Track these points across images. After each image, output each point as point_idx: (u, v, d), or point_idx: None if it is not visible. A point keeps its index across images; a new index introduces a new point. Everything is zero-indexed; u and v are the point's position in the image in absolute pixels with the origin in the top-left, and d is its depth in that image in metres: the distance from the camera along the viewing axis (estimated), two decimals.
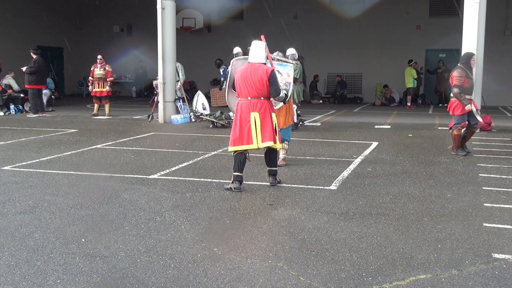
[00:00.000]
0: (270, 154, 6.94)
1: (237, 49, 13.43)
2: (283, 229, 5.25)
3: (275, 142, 6.72)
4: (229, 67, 7.14)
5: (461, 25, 12.86)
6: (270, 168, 6.98)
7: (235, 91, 6.88)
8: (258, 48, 6.76)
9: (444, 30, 20.93)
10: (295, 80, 11.54)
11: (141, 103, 20.90)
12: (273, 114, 6.78)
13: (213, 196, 6.47)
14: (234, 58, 7.27)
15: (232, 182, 6.69)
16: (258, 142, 6.66)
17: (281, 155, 8.24)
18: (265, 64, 6.73)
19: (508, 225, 5.35)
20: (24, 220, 5.43)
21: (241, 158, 6.72)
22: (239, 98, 6.75)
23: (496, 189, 6.86)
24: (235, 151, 6.75)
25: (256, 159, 8.05)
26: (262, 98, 6.66)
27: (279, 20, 22.91)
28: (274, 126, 6.74)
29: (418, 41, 22.13)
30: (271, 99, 6.82)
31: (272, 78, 6.64)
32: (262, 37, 7.07)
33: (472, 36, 12.40)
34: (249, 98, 6.65)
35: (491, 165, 8.43)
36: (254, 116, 6.63)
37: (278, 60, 7.62)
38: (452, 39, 18.86)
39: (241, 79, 6.67)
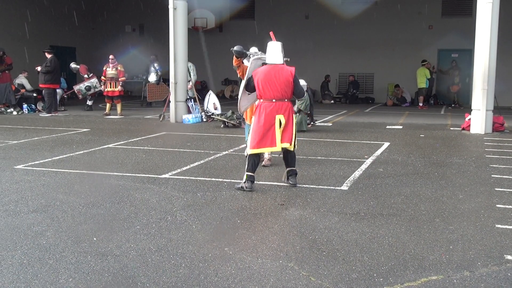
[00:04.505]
0: (290, 154, 6.93)
1: (254, 49, 13.42)
2: (294, 229, 5.24)
3: (290, 144, 6.74)
4: (249, 67, 7.00)
5: (474, 25, 12.79)
6: (290, 168, 6.93)
7: (249, 92, 6.88)
8: (276, 49, 6.77)
9: (456, 30, 20.80)
10: (299, 111, 11.84)
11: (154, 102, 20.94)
12: (294, 116, 6.88)
13: (224, 195, 6.48)
14: (253, 57, 7.13)
15: (245, 182, 6.69)
16: (278, 143, 6.70)
17: (266, 154, 8.20)
18: (283, 64, 6.75)
19: None
20: (36, 218, 5.47)
21: (256, 159, 6.75)
22: (260, 100, 6.72)
23: (509, 190, 6.80)
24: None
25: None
26: (285, 100, 6.70)
27: (290, 20, 22.91)
28: (294, 128, 6.79)
29: (431, 41, 22.00)
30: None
31: (296, 79, 6.72)
32: (271, 34, 7.07)
33: (485, 36, 12.32)
34: (273, 100, 6.65)
35: (504, 166, 8.36)
36: (280, 118, 6.64)
37: (254, 55, 7.44)
38: (465, 39, 18.79)
39: (264, 81, 6.64)
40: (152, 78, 18.22)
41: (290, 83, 6.66)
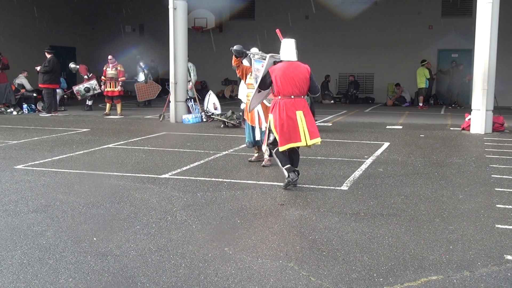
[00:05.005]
0: (294, 155, 6.94)
1: (254, 49, 13.40)
2: (294, 229, 5.24)
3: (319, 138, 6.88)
4: (264, 63, 6.94)
5: (474, 25, 12.80)
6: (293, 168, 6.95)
7: (261, 90, 6.90)
8: (290, 46, 6.81)
9: (456, 30, 20.80)
10: None
11: (153, 102, 20.93)
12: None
13: (224, 195, 6.48)
14: (269, 55, 7.09)
15: (288, 176, 6.69)
16: (306, 140, 6.71)
17: (266, 155, 8.21)
18: (297, 61, 6.81)
19: None
20: (36, 218, 5.47)
21: (282, 152, 6.78)
22: (278, 97, 6.74)
23: (509, 190, 6.80)
24: (276, 149, 6.80)
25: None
26: (302, 96, 6.79)
27: (290, 20, 22.92)
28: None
29: (431, 41, 22.00)
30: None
31: (312, 76, 6.81)
32: (277, 31, 7.09)
33: (485, 36, 12.32)
34: (292, 96, 6.70)
35: (504, 166, 8.36)
36: (299, 114, 6.69)
37: (255, 55, 7.44)
38: (465, 39, 18.80)
39: (283, 77, 6.68)
40: (141, 78, 18.58)
41: (307, 79, 6.74)
